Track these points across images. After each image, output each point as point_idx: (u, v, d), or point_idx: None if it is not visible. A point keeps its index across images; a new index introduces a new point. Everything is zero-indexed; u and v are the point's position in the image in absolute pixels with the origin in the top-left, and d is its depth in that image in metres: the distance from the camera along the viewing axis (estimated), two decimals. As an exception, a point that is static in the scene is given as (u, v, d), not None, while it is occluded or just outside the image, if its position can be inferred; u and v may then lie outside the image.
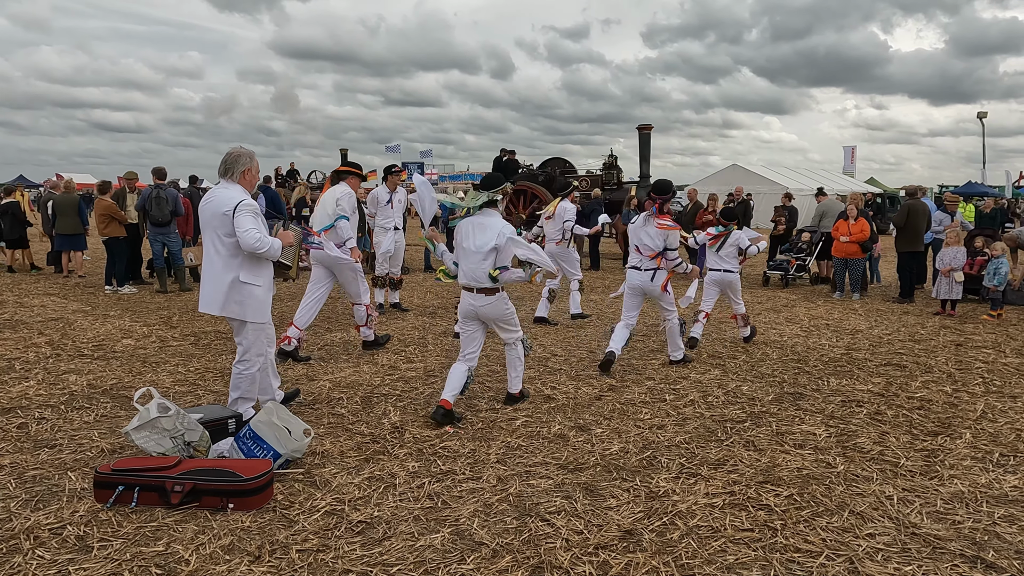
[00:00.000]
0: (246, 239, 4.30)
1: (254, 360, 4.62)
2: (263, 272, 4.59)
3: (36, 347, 7.00)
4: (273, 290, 4.93)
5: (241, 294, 4.46)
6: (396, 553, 3.17)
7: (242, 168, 4.54)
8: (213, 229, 4.43)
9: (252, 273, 4.50)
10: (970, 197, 26.62)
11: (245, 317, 4.51)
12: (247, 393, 4.67)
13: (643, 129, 16.59)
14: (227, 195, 4.43)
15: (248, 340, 4.59)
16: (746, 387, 5.90)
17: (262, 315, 4.59)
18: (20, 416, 4.92)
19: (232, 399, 4.69)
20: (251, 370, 4.63)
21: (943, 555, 3.21)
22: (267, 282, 4.64)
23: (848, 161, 39.45)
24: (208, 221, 4.46)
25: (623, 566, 3.09)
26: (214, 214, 4.41)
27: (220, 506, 3.52)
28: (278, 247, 4.51)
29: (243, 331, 4.58)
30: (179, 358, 6.69)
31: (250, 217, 4.35)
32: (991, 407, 5.42)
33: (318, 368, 6.37)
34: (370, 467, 4.13)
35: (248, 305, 4.50)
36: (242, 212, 4.33)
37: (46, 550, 3.14)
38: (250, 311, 4.51)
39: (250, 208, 4.38)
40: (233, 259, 4.43)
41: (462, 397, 5.13)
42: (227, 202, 4.37)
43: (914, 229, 10.68)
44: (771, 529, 3.43)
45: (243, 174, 4.55)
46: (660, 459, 4.31)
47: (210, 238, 4.47)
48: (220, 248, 4.43)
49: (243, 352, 4.61)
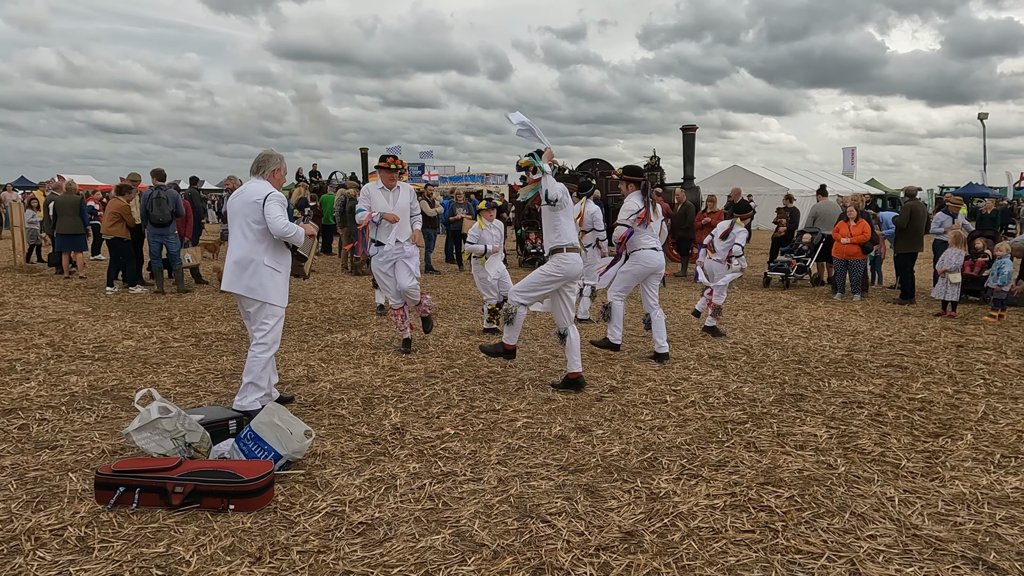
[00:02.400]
0: (276, 224, 4.71)
1: (271, 344, 4.89)
2: (284, 259, 4.95)
3: (37, 348, 7.00)
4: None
5: (264, 276, 4.81)
6: (397, 554, 3.17)
7: (272, 167, 4.98)
8: (243, 216, 4.80)
9: (275, 259, 4.86)
10: (969, 199, 26.62)
11: (267, 299, 4.83)
12: (258, 379, 4.85)
13: (687, 130, 15.81)
14: (258, 187, 4.85)
15: (268, 323, 4.87)
16: (747, 388, 5.90)
17: (282, 299, 4.92)
18: (21, 417, 4.92)
19: (244, 384, 4.85)
20: (267, 354, 4.87)
21: (944, 557, 3.20)
22: (286, 269, 5.02)
23: (848, 162, 39.46)
24: (239, 210, 4.83)
25: (624, 567, 3.09)
26: (245, 203, 4.80)
27: (221, 507, 3.52)
28: (302, 235, 4.89)
29: (262, 314, 4.86)
30: (180, 359, 6.69)
31: (279, 206, 4.77)
32: (992, 408, 5.42)
33: (319, 369, 6.37)
34: (371, 468, 4.13)
35: (270, 287, 4.84)
36: (272, 201, 4.75)
37: (47, 551, 3.14)
38: (272, 293, 4.85)
39: (279, 199, 4.81)
40: (259, 244, 4.80)
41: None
42: (258, 192, 4.79)
43: (915, 230, 10.69)
44: (772, 530, 3.42)
45: (273, 173, 4.97)
46: (661, 460, 4.31)
47: (239, 225, 4.83)
48: (248, 234, 4.79)
49: (262, 335, 4.87)
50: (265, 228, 4.75)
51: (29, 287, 11.20)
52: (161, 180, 10.75)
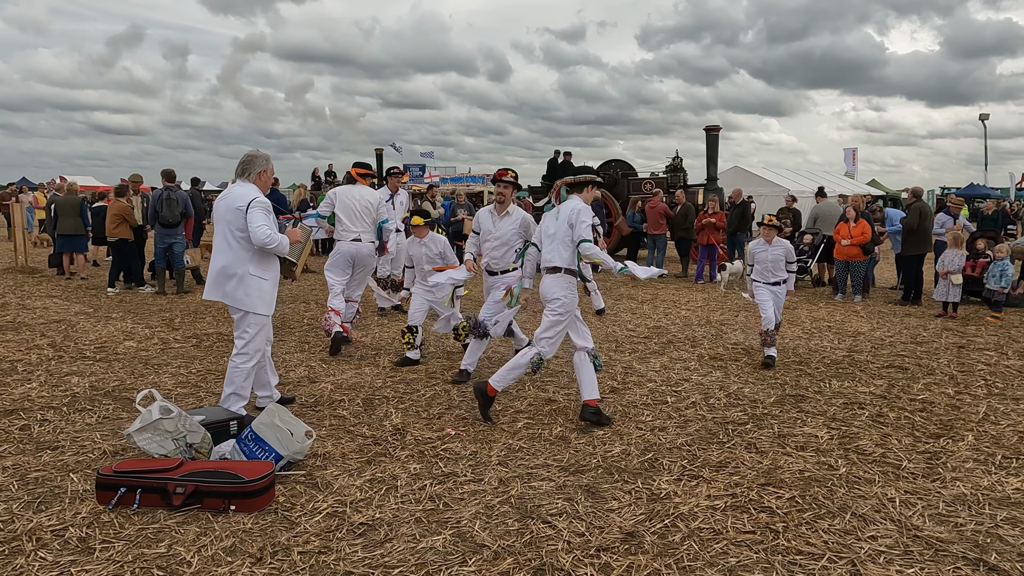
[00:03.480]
0: (257, 234, 4.47)
1: (251, 354, 4.70)
2: (271, 267, 4.76)
3: (38, 349, 7.01)
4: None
5: (249, 286, 4.62)
6: (398, 555, 3.17)
7: (258, 169, 4.74)
8: (226, 223, 4.60)
9: (261, 267, 4.67)
10: (971, 199, 26.62)
11: (253, 308, 4.65)
12: (241, 389, 4.71)
13: (711, 130, 15.29)
14: (242, 192, 4.61)
15: (249, 332, 4.68)
16: (748, 389, 5.90)
17: (267, 307, 4.73)
18: (22, 418, 4.92)
19: (225, 394, 4.71)
20: (248, 364, 4.69)
21: (945, 558, 3.20)
22: (274, 276, 4.80)
23: (849, 163, 39.41)
24: (222, 215, 4.63)
25: (624, 568, 3.09)
26: (228, 208, 4.58)
27: (222, 508, 3.52)
28: (287, 244, 4.67)
29: (245, 323, 4.68)
30: (181, 360, 6.69)
31: (262, 214, 4.53)
32: (993, 409, 5.41)
33: (320, 370, 6.37)
34: (372, 469, 4.13)
35: (254, 296, 4.64)
36: (255, 208, 4.51)
37: (48, 552, 3.15)
38: (257, 302, 4.66)
39: (263, 205, 4.57)
40: (244, 252, 4.60)
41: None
42: (241, 198, 4.56)
43: (923, 231, 10.67)
44: (773, 531, 3.42)
45: (259, 175, 4.74)
46: (662, 461, 4.31)
47: (222, 231, 4.64)
48: (232, 241, 4.59)
49: (243, 345, 4.69)
50: (249, 235, 4.51)
51: (30, 288, 11.21)
52: (171, 181, 10.80)
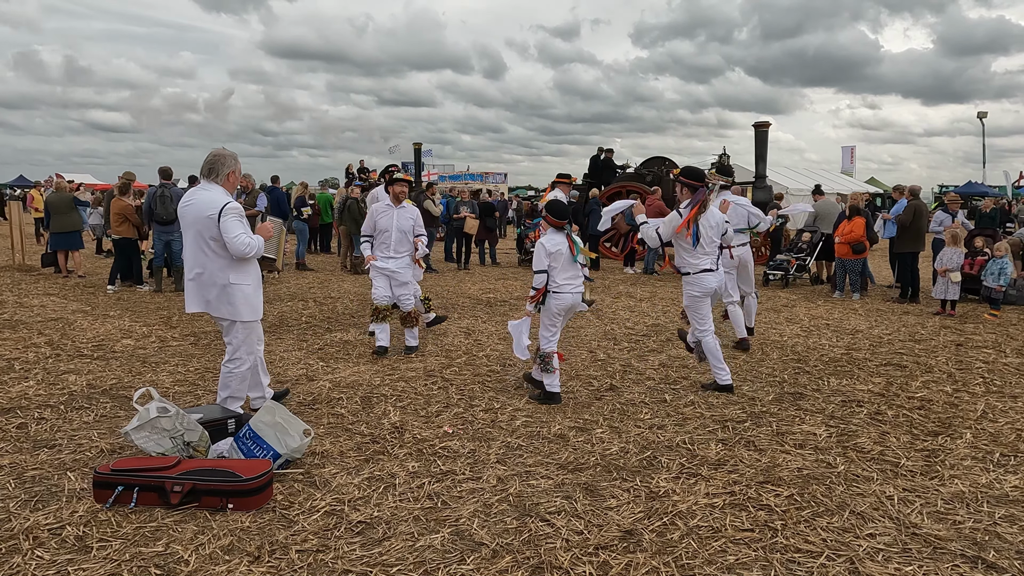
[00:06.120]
0: (235, 245, 4.33)
1: (244, 359, 4.65)
2: (251, 270, 4.61)
3: (36, 347, 6.99)
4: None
5: (232, 295, 4.49)
6: (396, 553, 3.17)
7: (228, 170, 4.52)
8: (197, 231, 4.39)
9: (240, 273, 4.52)
10: (968, 197, 26.64)
11: (238, 317, 4.54)
12: (236, 392, 4.69)
13: (760, 127, 14.45)
14: (210, 197, 4.39)
15: (238, 339, 4.61)
16: (746, 387, 5.90)
17: (253, 313, 4.61)
18: (19, 416, 4.91)
19: (221, 398, 4.69)
20: (241, 368, 4.65)
21: (944, 555, 3.20)
22: (255, 279, 4.65)
23: (847, 161, 39.42)
24: (191, 223, 4.41)
25: (623, 566, 3.08)
26: (197, 217, 4.36)
27: (220, 506, 3.52)
28: (262, 244, 4.52)
29: (233, 330, 4.60)
30: (179, 358, 6.68)
31: (237, 222, 4.37)
32: (991, 407, 5.42)
33: (318, 368, 6.36)
34: (370, 467, 4.12)
35: (239, 305, 4.52)
36: (228, 216, 4.32)
37: (45, 550, 3.14)
38: (242, 311, 4.54)
39: (236, 212, 4.38)
40: (220, 259, 4.44)
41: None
42: (211, 205, 4.33)
43: (917, 229, 10.68)
44: (771, 529, 3.42)
45: (227, 177, 4.52)
46: (660, 459, 4.31)
47: (194, 239, 4.43)
48: (206, 250, 4.42)
49: (233, 351, 4.63)
50: (223, 242, 4.34)
51: (28, 286, 11.18)
52: (167, 178, 10.78)
